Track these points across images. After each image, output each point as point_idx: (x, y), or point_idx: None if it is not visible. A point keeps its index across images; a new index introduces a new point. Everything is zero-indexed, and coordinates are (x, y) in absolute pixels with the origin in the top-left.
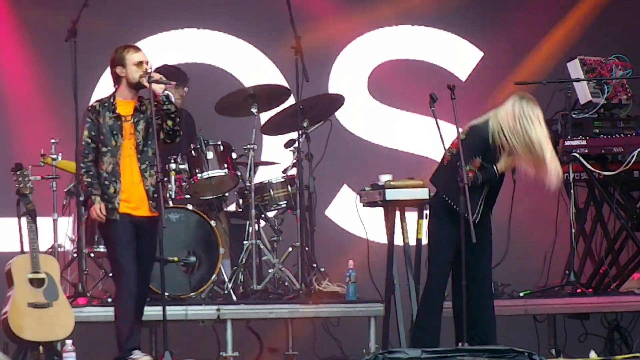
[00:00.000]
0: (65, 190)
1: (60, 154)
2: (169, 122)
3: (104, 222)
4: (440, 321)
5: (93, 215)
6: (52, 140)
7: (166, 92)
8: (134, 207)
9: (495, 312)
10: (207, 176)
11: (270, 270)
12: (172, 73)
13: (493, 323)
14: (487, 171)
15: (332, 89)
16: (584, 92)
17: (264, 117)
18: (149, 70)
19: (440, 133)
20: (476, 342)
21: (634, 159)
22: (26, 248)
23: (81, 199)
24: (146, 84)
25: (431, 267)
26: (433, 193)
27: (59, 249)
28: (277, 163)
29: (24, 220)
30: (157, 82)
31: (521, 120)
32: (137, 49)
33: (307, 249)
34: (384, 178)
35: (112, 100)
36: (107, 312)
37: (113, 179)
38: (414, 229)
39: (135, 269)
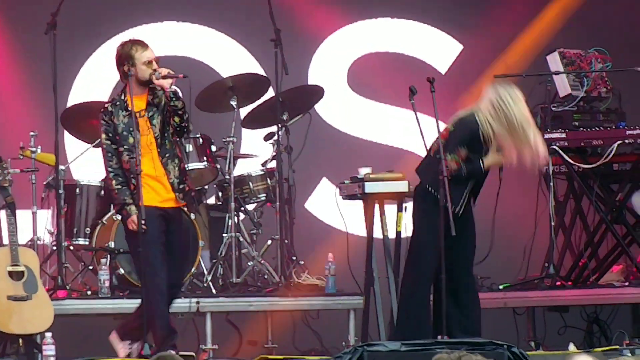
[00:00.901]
0: (45, 183)
1: (39, 147)
2: (176, 119)
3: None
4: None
5: (131, 226)
6: (32, 133)
7: (174, 87)
8: (158, 198)
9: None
10: (186, 169)
11: (249, 263)
12: None
13: (477, 317)
14: (473, 164)
15: (312, 81)
16: (563, 85)
17: (244, 111)
18: (156, 67)
19: (419, 126)
20: (459, 334)
21: (613, 151)
22: (5, 241)
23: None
24: (155, 81)
25: (418, 257)
26: (417, 183)
27: (38, 242)
28: (256, 156)
29: (3, 213)
30: (165, 77)
31: (499, 104)
32: (145, 46)
33: (286, 241)
34: (364, 171)
35: (123, 97)
36: (86, 305)
37: (132, 176)
38: (394, 221)
39: (164, 263)
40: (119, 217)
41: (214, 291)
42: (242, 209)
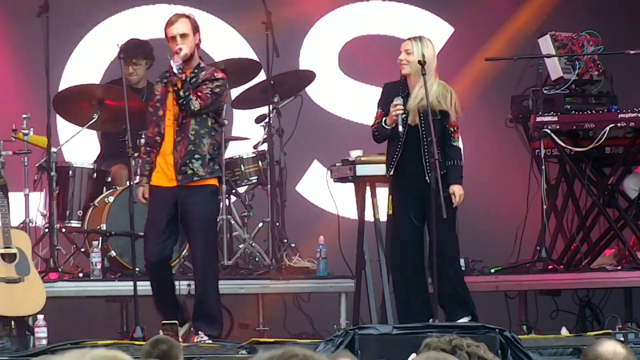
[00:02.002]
0: (37, 165)
1: (32, 129)
2: (180, 94)
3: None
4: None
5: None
6: (24, 116)
7: (178, 62)
8: (166, 179)
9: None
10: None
11: (240, 246)
12: (139, 46)
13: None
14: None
15: (303, 64)
16: (555, 68)
17: (235, 92)
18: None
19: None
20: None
21: (605, 135)
22: None
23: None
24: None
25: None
26: None
27: (30, 224)
28: (247, 138)
29: None
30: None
31: None
32: (174, 20)
33: (277, 224)
34: (355, 154)
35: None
36: (78, 287)
37: (152, 149)
38: (385, 204)
39: (156, 239)
40: (111, 199)
41: None
42: (233, 191)
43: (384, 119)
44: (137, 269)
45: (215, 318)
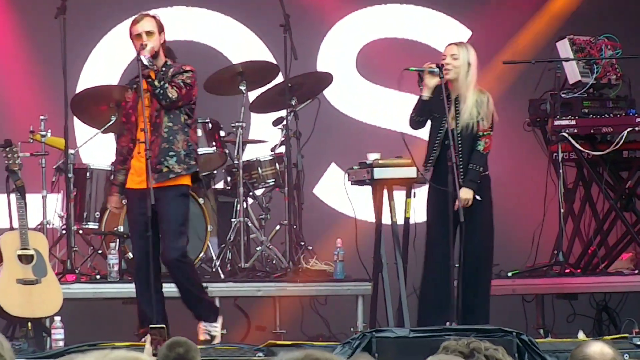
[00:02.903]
0: (54, 166)
1: (49, 131)
2: (152, 87)
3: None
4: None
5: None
6: (41, 117)
7: (140, 56)
8: (139, 181)
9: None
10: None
11: (258, 248)
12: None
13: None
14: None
15: (321, 67)
16: (573, 71)
17: (253, 95)
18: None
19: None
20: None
21: (623, 139)
22: (15, 224)
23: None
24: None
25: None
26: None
27: (48, 226)
28: (265, 141)
29: (13, 196)
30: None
31: None
32: (138, 19)
33: (294, 227)
34: (372, 156)
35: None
36: (95, 289)
37: (128, 156)
38: (402, 207)
39: (139, 241)
40: None
41: (222, 276)
42: (251, 194)
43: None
44: None
45: (207, 309)
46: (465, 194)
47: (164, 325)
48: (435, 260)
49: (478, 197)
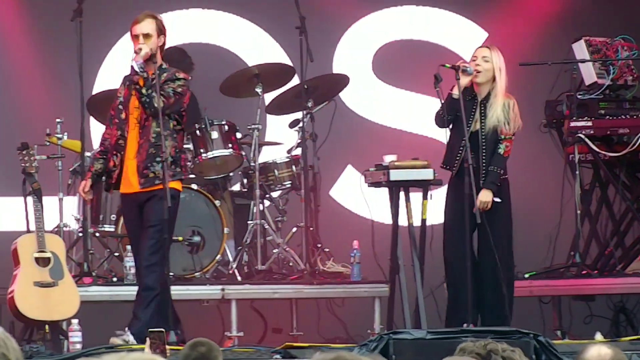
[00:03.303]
0: (71, 169)
1: (65, 133)
2: (139, 94)
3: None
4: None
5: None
6: (58, 120)
7: (132, 62)
8: (125, 185)
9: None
10: (211, 156)
11: (274, 251)
12: (179, 62)
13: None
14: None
15: (337, 69)
16: (589, 73)
17: (269, 97)
18: (136, 47)
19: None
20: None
21: (639, 140)
22: (32, 227)
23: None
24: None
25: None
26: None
27: (65, 228)
28: (281, 143)
29: (29, 199)
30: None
31: None
32: (139, 19)
33: (311, 229)
34: (389, 158)
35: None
36: (112, 292)
37: (114, 152)
38: (419, 209)
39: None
40: None
41: (239, 278)
42: (267, 196)
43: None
44: (171, 273)
45: (137, 320)
46: (485, 196)
47: (163, 330)
48: (457, 262)
49: (497, 199)
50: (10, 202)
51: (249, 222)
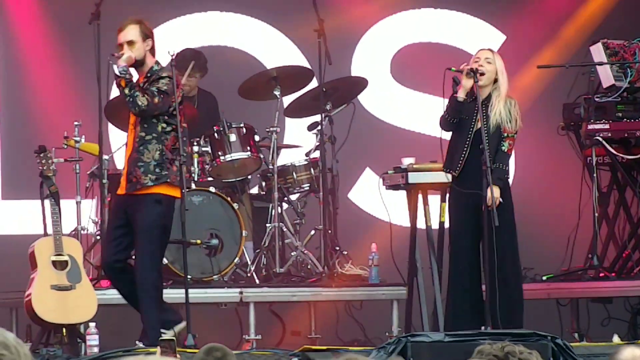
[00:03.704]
0: (88, 172)
1: (83, 137)
2: (123, 95)
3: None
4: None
5: None
6: (76, 123)
7: (121, 65)
8: (119, 186)
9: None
10: (230, 159)
11: (293, 253)
12: (194, 59)
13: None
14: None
15: (355, 71)
16: (607, 75)
17: (287, 100)
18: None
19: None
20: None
21: None
22: (49, 230)
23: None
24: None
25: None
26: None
27: (82, 232)
28: (300, 146)
29: (47, 202)
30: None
31: None
32: (123, 26)
33: (329, 232)
34: (407, 161)
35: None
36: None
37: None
38: (437, 212)
39: (113, 249)
40: None
41: (257, 281)
42: (286, 199)
43: (445, 113)
44: (189, 276)
45: (149, 327)
46: (495, 192)
47: (174, 338)
48: (462, 266)
49: (501, 199)
50: (28, 205)
51: (267, 224)
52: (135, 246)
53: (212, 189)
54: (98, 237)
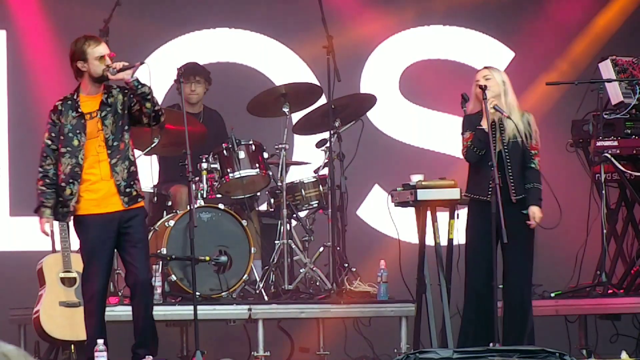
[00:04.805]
0: None
1: None
2: (148, 105)
3: (74, 223)
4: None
5: (41, 229)
6: None
7: (135, 75)
8: (98, 205)
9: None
10: (238, 176)
11: (301, 270)
12: (199, 67)
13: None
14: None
15: (364, 88)
16: (615, 92)
17: (296, 117)
18: (109, 63)
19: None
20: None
21: None
22: (57, 247)
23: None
24: (112, 77)
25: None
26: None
27: None
28: (308, 163)
29: None
30: (121, 70)
31: None
32: (98, 41)
33: (338, 248)
34: (416, 178)
35: (75, 97)
36: (123, 312)
37: (70, 181)
38: (446, 229)
39: (104, 269)
40: (172, 223)
41: (266, 298)
42: (294, 215)
43: (472, 146)
44: (197, 293)
45: (154, 341)
46: (539, 212)
47: None
48: (479, 281)
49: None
50: (35, 222)
51: (276, 241)
52: (137, 260)
53: (220, 206)
54: None
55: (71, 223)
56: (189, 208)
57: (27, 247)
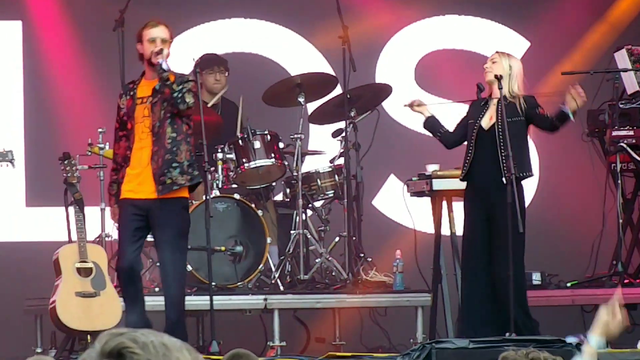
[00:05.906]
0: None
1: (107, 143)
2: (172, 92)
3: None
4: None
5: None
6: (100, 130)
7: (162, 61)
8: (133, 190)
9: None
10: (254, 166)
11: (317, 260)
12: (220, 57)
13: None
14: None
15: (379, 78)
16: (631, 82)
17: (311, 106)
18: (157, 49)
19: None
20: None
21: None
22: (74, 237)
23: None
24: (154, 60)
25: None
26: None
27: (106, 239)
28: (324, 153)
29: (71, 209)
30: (158, 54)
31: None
32: (156, 24)
33: (354, 238)
34: (431, 168)
35: (137, 81)
36: (154, 302)
37: (123, 164)
38: (461, 218)
39: (130, 250)
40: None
41: (281, 288)
42: (310, 205)
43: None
44: (213, 283)
45: (185, 337)
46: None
47: None
48: (476, 271)
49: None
50: (52, 212)
51: (291, 231)
52: (164, 254)
53: (236, 196)
54: None
55: (89, 212)
56: (204, 198)
57: (43, 237)
